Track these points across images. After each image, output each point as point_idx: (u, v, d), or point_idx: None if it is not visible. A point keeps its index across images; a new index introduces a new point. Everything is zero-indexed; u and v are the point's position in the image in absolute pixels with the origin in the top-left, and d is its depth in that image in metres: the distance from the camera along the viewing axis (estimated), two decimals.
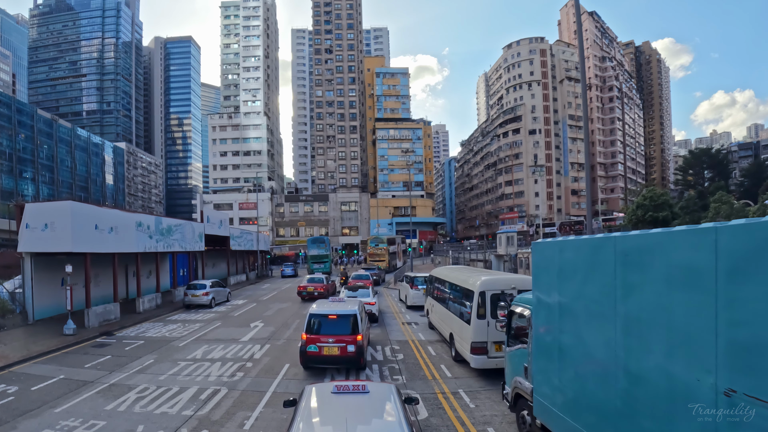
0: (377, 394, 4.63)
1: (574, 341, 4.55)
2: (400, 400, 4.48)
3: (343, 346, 9.17)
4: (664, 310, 3.33)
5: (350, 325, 9.49)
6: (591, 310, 4.27)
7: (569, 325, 4.65)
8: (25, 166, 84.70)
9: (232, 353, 11.60)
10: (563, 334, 4.75)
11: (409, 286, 18.98)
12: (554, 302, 4.95)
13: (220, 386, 8.83)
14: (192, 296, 20.51)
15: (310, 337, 9.34)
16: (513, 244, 27.03)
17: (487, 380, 9.01)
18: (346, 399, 4.44)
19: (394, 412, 4.24)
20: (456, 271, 12.05)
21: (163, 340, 13.79)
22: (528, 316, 5.85)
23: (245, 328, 15.05)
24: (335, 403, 4.41)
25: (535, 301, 5.42)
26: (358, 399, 4.46)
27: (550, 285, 5.06)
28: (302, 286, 22.82)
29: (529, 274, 25.06)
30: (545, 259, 5.21)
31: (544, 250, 5.29)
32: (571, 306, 4.63)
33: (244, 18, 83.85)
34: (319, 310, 10.07)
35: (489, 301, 8.69)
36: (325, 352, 9.18)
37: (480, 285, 8.91)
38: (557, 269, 4.89)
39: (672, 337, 3.25)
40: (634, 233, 3.82)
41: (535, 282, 5.42)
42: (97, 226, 17.00)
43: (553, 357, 4.93)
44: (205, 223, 26.94)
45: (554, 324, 4.94)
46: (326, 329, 9.48)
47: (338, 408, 4.30)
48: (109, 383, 9.40)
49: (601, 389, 4.11)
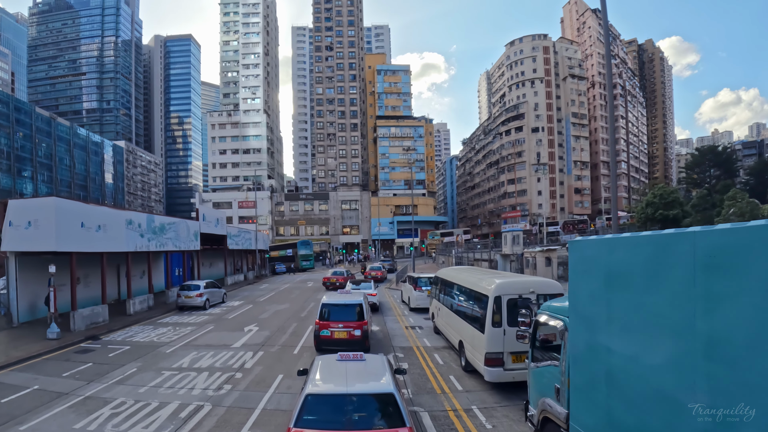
0: (372, 361, 5.96)
1: (629, 365, 3.62)
2: (389, 366, 5.81)
3: (351, 330, 10.71)
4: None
5: (356, 313, 10.99)
6: (656, 328, 3.34)
7: (623, 345, 3.71)
8: (24, 165, 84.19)
9: (221, 361, 10.68)
10: (613, 355, 3.82)
11: (413, 288, 18.01)
12: (600, 314, 4.02)
13: (204, 401, 7.91)
14: (185, 297, 19.64)
15: (323, 323, 10.89)
16: (519, 243, 26.07)
17: (503, 395, 8.09)
18: (347, 364, 5.68)
19: (384, 374, 5.46)
20: (465, 273, 11.11)
21: (151, 345, 12.91)
22: (560, 328, 4.92)
23: (238, 333, 14.15)
24: (339, 366, 5.66)
25: (573, 312, 4.49)
26: (357, 364, 5.71)
27: (594, 293, 4.13)
28: (326, 277, 27.23)
29: (536, 275, 24.16)
30: (587, 261, 4.26)
31: (585, 249, 4.32)
32: (625, 320, 3.70)
33: (244, 15, 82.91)
34: (329, 300, 11.55)
35: (505, 307, 7.76)
36: (336, 336, 10.71)
37: (495, 289, 7.96)
38: (605, 273, 3.96)
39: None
40: (722, 227, 2.90)
41: (572, 288, 4.48)
42: (84, 224, 16.11)
43: (599, 382, 4.00)
44: (200, 221, 26.04)
45: (600, 342, 4.01)
46: (336, 316, 10.97)
47: (341, 370, 5.54)
48: (84, 396, 8.53)
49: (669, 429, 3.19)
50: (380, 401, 4.96)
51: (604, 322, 3.95)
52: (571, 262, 4.45)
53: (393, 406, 4.83)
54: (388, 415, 4.79)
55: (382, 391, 5.05)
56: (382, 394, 5.00)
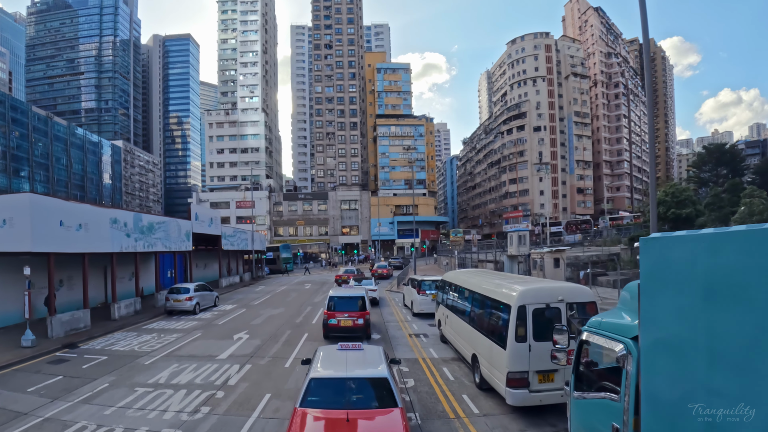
0: (369, 351, 6.55)
1: (752, 417, 2.48)
2: (385, 356, 6.36)
3: (355, 319, 12.25)
4: None
5: (359, 304, 12.60)
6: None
7: (738, 390, 2.57)
8: (20, 165, 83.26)
9: (203, 376, 9.49)
10: (722, 402, 2.67)
11: (416, 291, 16.76)
12: (695, 342, 2.87)
13: (175, 429, 6.73)
14: (174, 301, 18.47)
15: (330, 313, 12.47)
16: (525, 243, 24.91)
17: (528, 420, 6.92)
18: (347, 353, 6.27)
19: (380, 362, 6.01)
20: (478, 276, 9.92)
21: (130, 355, 11.76)
22: (619, 353, 3.78)
23: (227, 341, 12.97)
24: (339, 354, 6.23)
25: (647, 335, 3.34)
26: (356, 353, 6.29)
27: (684, 311, 2.98)
28: (339, 275, 29.34)
29: (542, 276, 22.97)
30: (672, 266, 3.10)
31: (669, 249, 3.15)
32: (742, 354, 2.56)
33: (242, 12, 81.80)
34: (336, 293, 13.18)
35: (531, 319, 6.59)
36: (342, 324, 12.23)
37: (519, 297, 6.76)
38: (704, 284, 2.82)
39: None
40: None
41: (647, 303, 3.31)
42: (63, 223, 14.98)
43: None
44: (192, 220, 24.87)
45: (697, 380, 2.86)
46: (341, 307, 12.53)
47: (341, 357, 6.10)
48: (43, 417, 7.41)
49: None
50: (376, 385, 5.48)
51: (704, 354, 2.80)
52: (645, 267, 3.29)
53: (387, 389, 5.37)
54: (382, 397, 5.31)
55: (378, 375, 5.57)
56: (377, 379, 5.53)
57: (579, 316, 6.63)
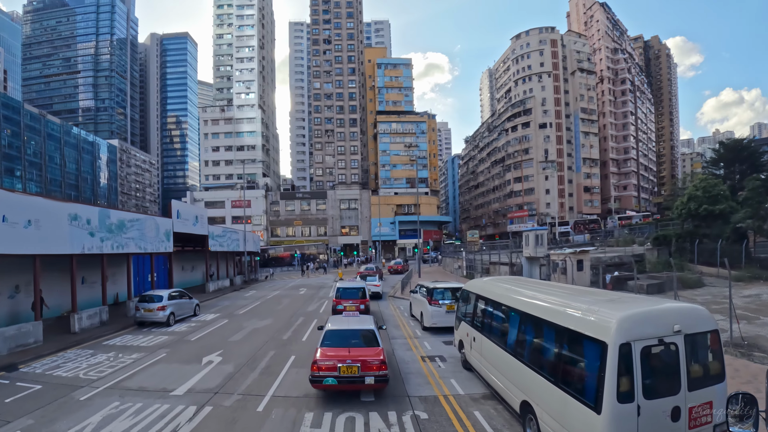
0: (363, 317, 10.55)
1: None
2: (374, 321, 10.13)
3: (357, 305, 15.85)
4: None
5: (360, 293, 16.54)
6: None
7: None
8: (13, 163, 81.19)
9: (141, 426, 6.93)
10: None
11: (427, 301, 13.95)
12: None
13: None
14: (144, 311, 15.93)
15: (337, 300, 16.26)
16: (543, 243, 22.35)
17: None
18: (349, 317, 10.60)
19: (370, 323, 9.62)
20: (524, 288, 7.37)
21: (70, 384, 9.25)
22: None
23: (192, 366, 10.38)
24: (344, 319, 10.27)
25: None
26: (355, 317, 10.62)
27: None
28: (359, 272, 31.51)
29: (563, 281, 20.32)
30: None
31: None
32: None
33: (238, 7, 79.37)
34: (342, 285, 17.33)
35: (638, 363, 4.08)
36: (348, 309, 15.57)
37: (620, 329, 4.21)
38: None
39: None
40: None
41: None
42: (6, 218, 12.47)
43: None
44: (174, 218, 22.31)
45: None
46: (346, 296, 16.41)
47: (345, 320, 10.03)
48: None
49: None
50: (365, 334, 8.81)
51: None
52: None
53: (373, 337, 8.73)
54: (370, 340, 8.61)
55: (367, 328, 9.07)
56: (367, 330, 8.98)
57: (699, 354, 4.12)
